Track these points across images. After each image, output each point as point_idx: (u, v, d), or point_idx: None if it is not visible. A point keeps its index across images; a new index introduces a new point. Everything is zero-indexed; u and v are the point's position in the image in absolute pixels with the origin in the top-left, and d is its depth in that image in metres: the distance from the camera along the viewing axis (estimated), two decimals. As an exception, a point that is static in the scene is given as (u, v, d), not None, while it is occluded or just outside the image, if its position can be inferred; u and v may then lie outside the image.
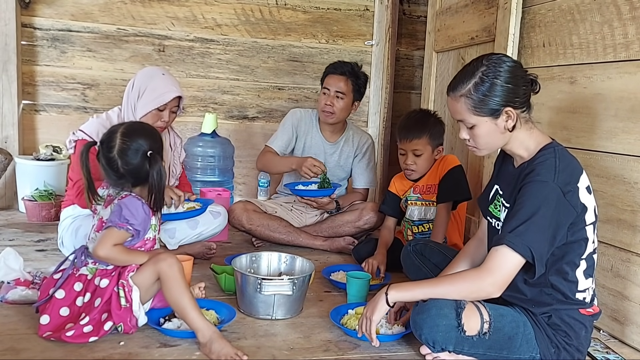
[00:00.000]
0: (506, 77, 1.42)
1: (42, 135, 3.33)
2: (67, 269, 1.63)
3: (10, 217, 3.03)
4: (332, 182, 2.62)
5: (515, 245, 1.37)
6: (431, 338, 1.47)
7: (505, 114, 1.44)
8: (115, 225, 1.59)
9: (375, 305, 1.56)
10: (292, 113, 2.86)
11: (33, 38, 3.25)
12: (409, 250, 1.98)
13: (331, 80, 2.70)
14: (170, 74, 2.29)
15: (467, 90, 1.44)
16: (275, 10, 3.60)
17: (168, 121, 2.22)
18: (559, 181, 1.40)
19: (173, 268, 1.57)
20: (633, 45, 1.77)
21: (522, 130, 1.49)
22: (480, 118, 1.45)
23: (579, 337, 1.50)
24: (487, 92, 1.42)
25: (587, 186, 1.46)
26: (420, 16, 3.87)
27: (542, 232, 1.38)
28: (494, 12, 2.49)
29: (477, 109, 1.44)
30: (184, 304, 1.55)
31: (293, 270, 2.01)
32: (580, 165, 1.48)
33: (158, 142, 1.70)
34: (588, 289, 1.51)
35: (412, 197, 2.40)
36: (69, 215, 2.19)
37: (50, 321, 1.56)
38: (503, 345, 1.48)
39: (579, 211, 1.42)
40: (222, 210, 2.49)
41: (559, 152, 1.46)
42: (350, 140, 2.84)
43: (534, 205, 1.38)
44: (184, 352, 1.54)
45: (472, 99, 1.44)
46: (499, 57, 1.46)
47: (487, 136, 1.48)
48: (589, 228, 1.46)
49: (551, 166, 1.41)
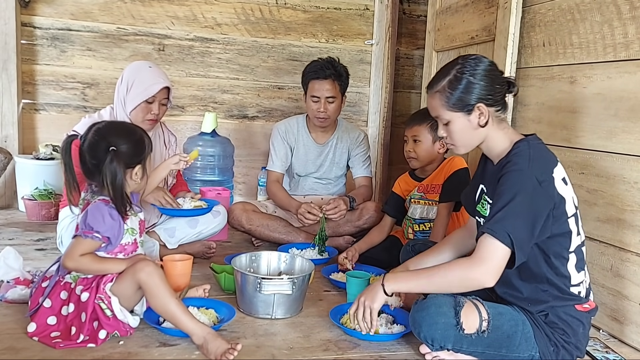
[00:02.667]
0: (479, 75, 1.48)
1: (41, 135, 3.33)
2: (54, 277, 1.61)
3: (10, 216, 3.03)
4: (328, 248, 2.54)
5: (494, 232, 1.39)
6: (430, 336, 1.47)
7: (477, 110, 1.49)
8: (80, 234, 1.55)
9: (375, 295, 1.56)
10: (276, 129, 2.82)
11: (33, 37, 3.25)
12: (408, 249, 1.99)
13: (317, 86, 2.63)
14: (158, 66, 2.30)
15: (442, 87, 1.51)
16: (275, 10, 3.60)
17: (158, 114, 2.22)
18: (534, 170, 1.42)
19: (153, 277, 1.52)
20: (633, 45, 1.77)
21: (496, 129, 1.53)
22: (453, 114, 1.51)
23: (577, 335, 1.50)
24: (460, 88, 1.48)
25: (562, 177, 1.48)
26: (420, 15, 3.87)
27: (520, 218, 1.39)
28: (494, 11, 2.49)
29: (450, 104, 1.50)
30: (172, 310, 1.53)
31: (293, 270, 2.01)
32: (555, 157, 1.51)
33: (134, 143, 1.63)
34: (582, 283, 1.52)
35: (415, 195, 2.40)
36: (68, 214, 2.19)
37: (37, 328, 1.55)
38: (502, 343, 1.48)
39: (556, 201, 1.44)
40: (222, 210, 2.49)
41: (532, 144, 1.49)
42: (343, 137, 2.83)
43: (511, 192, 1.41)
44: (184, 351, 1.54)
45: (446, 95, 1.50)
46: (475, 57, 1.52)
47: (461, 132, 1.53)
48: (571, 220, 1.48)
49: (525, 155, 1.45)
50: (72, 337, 1.53)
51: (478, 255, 1.42)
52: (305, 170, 2.84)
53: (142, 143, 1.66)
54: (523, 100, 2.30)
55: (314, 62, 2.69)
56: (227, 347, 1.49)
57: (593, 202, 1.92)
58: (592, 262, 1.92)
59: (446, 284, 1.47)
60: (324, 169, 2.84)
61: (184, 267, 1.95)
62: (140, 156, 1.65)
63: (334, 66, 2.65)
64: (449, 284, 1.47)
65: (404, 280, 1.56)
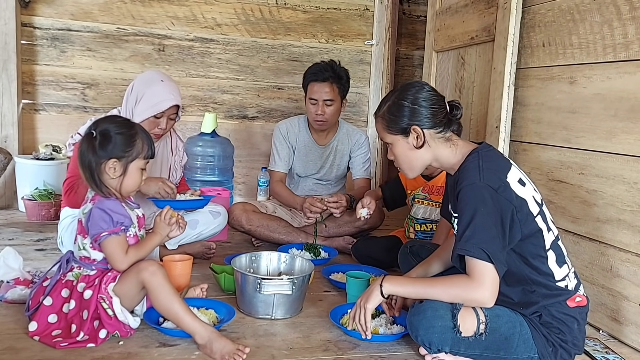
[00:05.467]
0: (415, 100, 1.55)
1: (41, 135, 3.33)
2: (55, 276, 1.61)
3: (10, 217, 3.03)
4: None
5: (469, 251, 1.41)
6: (427, 339, 1.48)
7: (413, 132, 1.56)
8: (110, 234, 1.55)
9: (370, 295, 1.57)
10: (277, 129, 2.82)
11: (33, 37, 3.25)
12: (406, 251, 1.99)
13: (316, 89, 2.63)
14: (171, 79, 2.24)
15: (383, 112, 1.61)
16: (275, 10, 3.60)
17: (165, 128, 2.20)
18: (486, 179, 1.45)
19: (156, 276, 1.53)
20: (633, 45, 1.77)
21: (442, 148, 1.58)
22: (393, 137, 1.60)
23: (572, 332, 1.51)
24: (395, 112, 1.58)
25: (518, 179, 1.50)
26: (420, 16, 3.88)
27: (488, 230, 1.41)
28: (493, 11, 2.49)
29: (389, 127, 1.59)
30: (175, 310, 1.53)
31: (293, 270, 2.01)
32: (508, 161, 1.55)
33: (117, 135, 1.58)
34: (567, 276, 1.53)
35: (419, 195, 2.41)
36: (68, 214, 2.19)
37: (38, 327, 1.55)
38: (500, 345, 1.48)
39: (516, 204, 1.45)
40: (222, 210, 2.49)
41: (482, 154, 1.52)
42: (344, 139, 2.83)
43: (471, 208, 1.43)
44: (184, 351, 1.54)
45: (385, 119, 1.60)
46: (415, 84, 1.61)
47: (402, 154, 1.61)
48: (538, 219, 1.49)
49: (475, 168, 1.48)
50: (72, 334, 1.53)
51: (474, 277, 1.43)
52: (305, 171, 2.84)
53: (129, 140, 1.60)
54: (523, 101, 2.30)
55: (314, 64, 2.68)
56: (234, 347, 1.49)
57: (593, 203, 1.92)
58: (592, 262, 1.92)
59: (445, 297, 1.48)
60: (324, 170, 2.84)
61: (183, 268, 1.95)
62: (118, 151, 1.58)
63: (334, 69, 2.64)
64: (448, 298, 1.48)
65: (403, 284, 1.57)
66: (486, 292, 1.42)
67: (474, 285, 1.43)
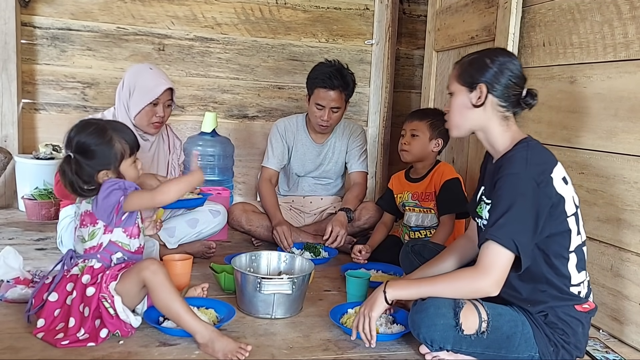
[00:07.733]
0: (498, 63, 1.52)
1: (41, 134, 3.33)
2: (59, 274, 1.62)
3: (10, 216, 3.03)
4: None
5: (499, 239, 1.40)
6: (429, 337, 1.48)
7: (478, 89, 1.53)
8: (127, 193, 1.58)
9: (374, 303, 1.56)
10: (275, 127, 2.80)
11: (33, 37, 3.25)
12: (408, 250, 1.98)
13: (323, 95, 2.57)
14: (158, 67, 2.28)
15: (464, 61, 1.60)
16: (275, 10, 3.60)
17: (163, 116, 2.20)
18: (531, 172, 1.43)
19: (158, 275, 1.53)
20: (633, 45, 1.77)
21: (497, 123, 1.55)
22: (459, 87, 1.57)
23: (576, 334, 1.50)
24: (475, 65, 1.55)
25: (562, 177, 1.49)
26: (420, 15, 3.87)
27: (523, 223, 1.40)
28: (494, 11, 2.49)
29: (461, 76, 1.57)
30: (176, 309, 1.53)
31: (293, 270, 2.01)
32: (555, 158, 1.52)
33: (89, 141, 1.59)
34: (582, 283, 1.53)
35: (409, 203, 2.41)
36: (68, 214, 2.19)
37: (45, 324, 1.55)
38: (501, 344, 1.48)
39: (554, 201, 1.44)
40: (222, 209, 2.49)
41: (531, 145, 1.50)
42: (341, 134, 2.82)
43: (511, 197, 1.42)
44: (184, 351, 1.54)
45: (462, 67, 1.58)
46: (507, 51, 1.61)
47: (458, 107, 1.58)
48: (570, 220, 1.48)
49: (522, 158, 1.46)
50: (72, 329, 1.52)
51: (482, 264, 1.43)
52: (303, 169, 2.83)
53: (108, 149, 1.61)
54: (523, 100, 2.30)
55: (322, 68, 2.60)
56: (236, 346, 1.49)
57: (593, 202, 1.92)
58: (592, 262, 1.92)
59: (450, 293, 1.48)
60: (323, 168, 2.84)
61: (183, 267, 1.95)
62: (104, 164, 1.61)
63: (343, 76, 2.57)
64: (453, 293, 1.48)
65: (406, 287, 1.56)
66: (491, 279, 1.41)
67: (479, 274, 1.42)
